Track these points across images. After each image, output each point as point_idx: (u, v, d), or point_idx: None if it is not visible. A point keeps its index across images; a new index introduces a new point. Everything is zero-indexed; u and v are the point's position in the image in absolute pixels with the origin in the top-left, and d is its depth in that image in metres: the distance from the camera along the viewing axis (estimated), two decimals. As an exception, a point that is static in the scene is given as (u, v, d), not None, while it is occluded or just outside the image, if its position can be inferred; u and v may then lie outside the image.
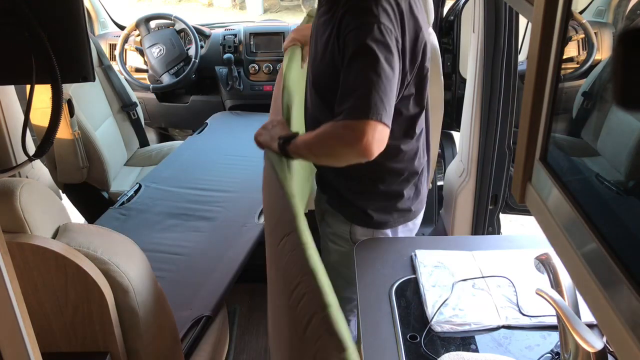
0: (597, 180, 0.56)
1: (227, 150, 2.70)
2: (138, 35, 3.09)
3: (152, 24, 3.10)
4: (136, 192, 2.35)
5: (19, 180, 1.19)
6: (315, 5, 1.49)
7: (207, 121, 3.00)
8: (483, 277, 1.37)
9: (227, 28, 3.21)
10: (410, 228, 1.58)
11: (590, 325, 0.95)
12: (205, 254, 1.94)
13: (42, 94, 1.02)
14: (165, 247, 1.98)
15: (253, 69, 3.08)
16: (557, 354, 1.14)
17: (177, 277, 1.83)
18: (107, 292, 1.20)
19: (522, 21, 2.15)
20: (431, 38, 2.39)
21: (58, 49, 0.94)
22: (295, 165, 1.35)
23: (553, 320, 1.17)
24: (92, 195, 2.58)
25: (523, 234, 3.00)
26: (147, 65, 3.08)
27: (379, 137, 1.16)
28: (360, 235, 1.53)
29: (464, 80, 2.59)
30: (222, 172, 2.49)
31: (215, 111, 3.13)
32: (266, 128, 1.41)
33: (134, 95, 2.95)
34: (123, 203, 2.28)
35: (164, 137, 3.52)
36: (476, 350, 1.18)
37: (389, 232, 1.54)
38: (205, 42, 3.15)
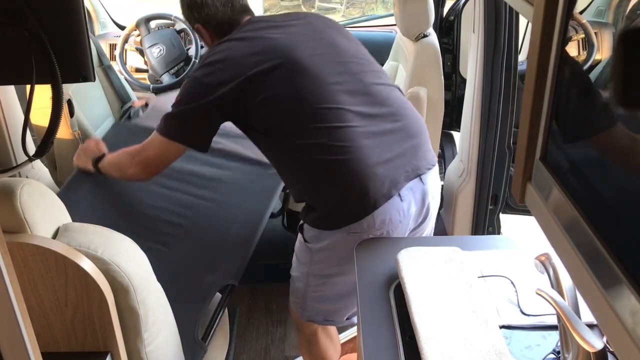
0: (597, 180, 0.56)
1: (227, 151, 2.68)
2: (138, 35, 3.09)
3: (152, 24, 3.10)
4: None
5: (19, 180, 1.19)
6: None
7: None
8: (483, 277, 1.37)
9: (227, 28, 3.19)
10: None
11: (590, 325, 0.95)
12: (222, 212, 1.88)
13: (42, 94, 1.02)
14: (176, 206, 1.92)
15: None
16: (558, 353, 1.14)
17: (195, 237, 1.78)
18: (107, 292, 1.20)
19: (522, 21, 2.15)
20: (431, 38, 2.39)
21: (58, 49, 0.94)
22: None
23: (553, 320, 1.17)
24: (92, 195, 2.58)
25: (523, 234, 3.00)
26: (147, 65, 3.07)
27: None
28: None
29: (464, 80, 2.59)
30: (221, 169, 2.47)
31: None
32: (82, 150, 1.80)
33: (134, 95, 2.94)
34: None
35: (163, 137, 3.51)
36: (476, 350, 1.18)
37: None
38: (206, 42, 3.14)
